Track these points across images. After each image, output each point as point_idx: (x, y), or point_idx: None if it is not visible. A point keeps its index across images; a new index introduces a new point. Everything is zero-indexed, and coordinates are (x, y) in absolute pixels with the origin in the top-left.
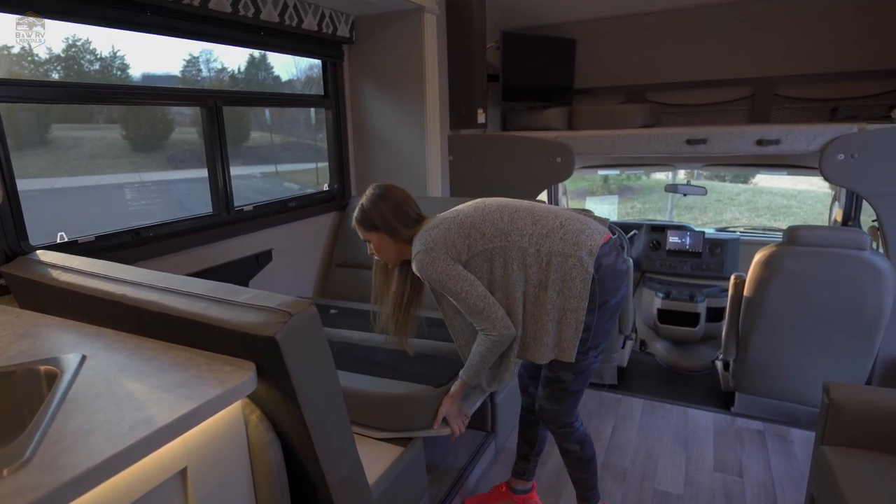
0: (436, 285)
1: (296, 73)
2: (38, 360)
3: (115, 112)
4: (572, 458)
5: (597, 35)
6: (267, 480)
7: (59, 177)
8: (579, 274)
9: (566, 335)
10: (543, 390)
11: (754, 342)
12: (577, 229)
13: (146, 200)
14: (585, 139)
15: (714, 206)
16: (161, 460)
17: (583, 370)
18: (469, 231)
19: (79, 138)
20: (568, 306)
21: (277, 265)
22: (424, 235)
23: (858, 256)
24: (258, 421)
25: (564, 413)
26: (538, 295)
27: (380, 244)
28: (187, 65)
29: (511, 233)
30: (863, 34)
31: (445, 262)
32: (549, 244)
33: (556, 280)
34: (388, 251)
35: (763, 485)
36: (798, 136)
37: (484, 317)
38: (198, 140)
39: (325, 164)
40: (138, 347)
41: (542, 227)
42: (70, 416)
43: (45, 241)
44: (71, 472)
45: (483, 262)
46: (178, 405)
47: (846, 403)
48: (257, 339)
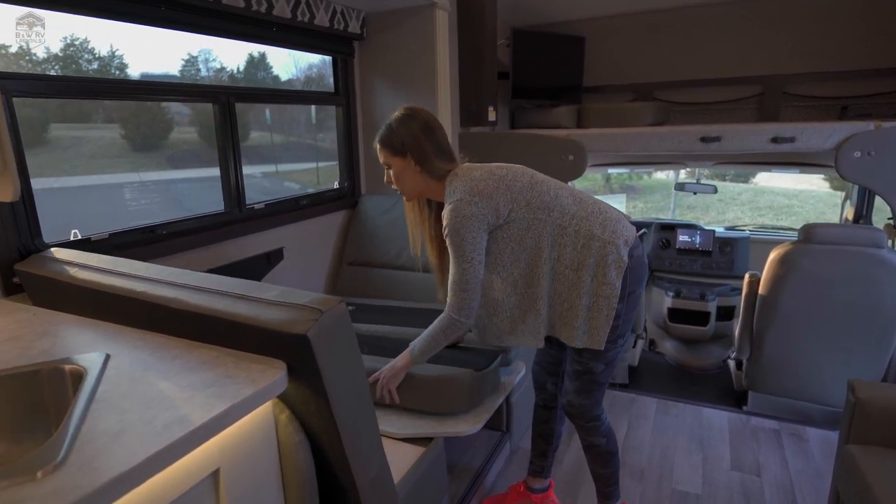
0: (452, 238)
1: (295, 73)
2: (62, 359)
3: (115, 112)
4: (597, 452)
5: (605, 33)
6: (297, 482)
7: (59, 176)
8: (615, 261)
9: (598, 322)
10: (573, 384)
11: (769, 341)
12: (614, 218)
13: (146, 200)
14: (598, 137)
15: (716, 206)
16: (195, 461)
17: (611, 360)
18: (517, 196)
19: (78, 138)
20: (601, 293)
21: (288, 263)
22: (471, 183)
23: (876, 254)
24: (287, 421)
25: (593, 406)
26: (571, 277)
27: (402, 172)
28: (186, 64)
29: (554, 208)
30: (872, 32)
31: (477, 223)
32: (589, 227)
33: (592, 264)
34: (408, 181)
35: (781, 484)
36: (813, 134)
37: (464, 295)
38: (197, 140)
39: (325, 164)
40: (161, 346)
41: (582, 208)
42: (100, 417)
43: (57, 239)
44: (109, 473)
45: (518, 229)
46: (210, 405)
47: (873, 402)
48: (288, 336)
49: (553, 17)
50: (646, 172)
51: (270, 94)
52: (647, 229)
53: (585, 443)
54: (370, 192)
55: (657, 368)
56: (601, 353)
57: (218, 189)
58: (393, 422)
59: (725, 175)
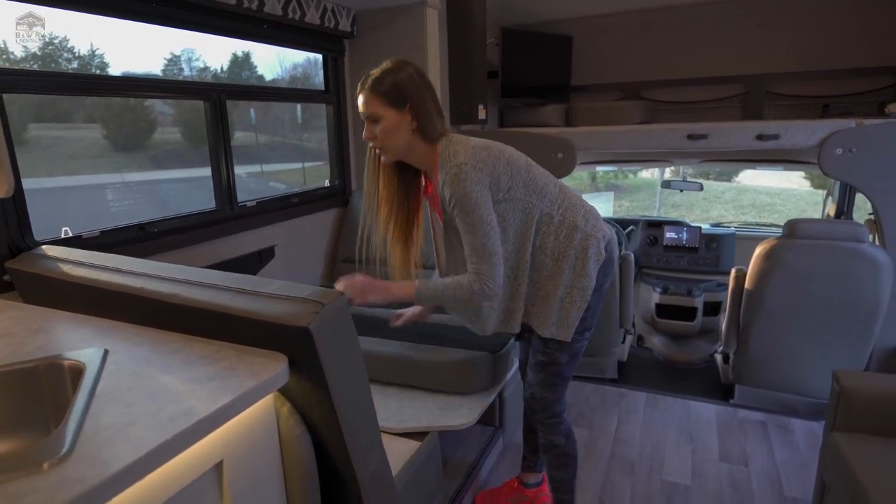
0: (463, 205)
1: (280, 73)
2: (57, 355)
3: (96, 111)
4: (556, 453)
5: (593, 32)
6: (298, 475)
7: (38, 177)
8: (594, 254)
9: (570, 313)
10: (536, 376)
11: (755, 335)
12: (594, 213)
13: (129, 201)
14: (587, 135)
15: (700, 204)
16: (199, 453)
17: (576, 352)
18: (515, 174)
19: (58, 138)
20: (578, 284)
21: (280, 262)
22: (474, 150)
23: (858, 249)
24: (289, 414)
25: (556, 401)
26: (550, 266)
27: (395, 127)
28: (168, 64)
29: (546, 195)
30: (854, 32)
31: (483, 186)
32: (573, 217)
33: (572, 255)
34: (397, 140)
35: (768, 474)
36: (797, 131)
37: (495, 260)
38: (182, 140)
39: (311, 165)
40: (160, 341)
41: (567, 198)
42: (104, 410)
43: (47, 237)
44: (116, 464)
45: (512, 211)
46: (214, 397)
47: (856, 390)
48: (290, 329)
49: (541, 17)
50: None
51: (262, 92)
52: (635, 226)
53: (545, 441)
54: (361, 189)
55: (645, 363)
56: (567, 344)
57: (204, 189)
58: (388, 416)
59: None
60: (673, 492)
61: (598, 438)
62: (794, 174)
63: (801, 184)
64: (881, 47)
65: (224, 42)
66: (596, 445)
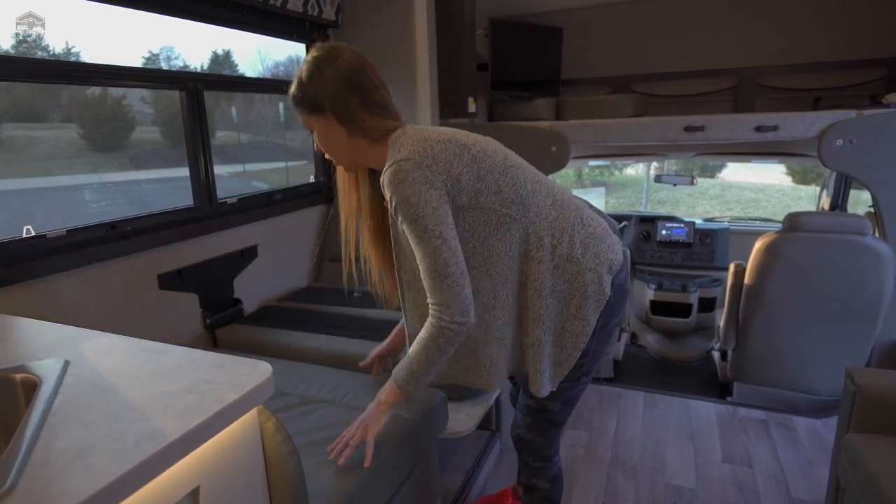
0: (404, 211)
1: (262, 71)
2: (13, 367)
3: (72, 110)
4: (536, 497)
5: (583, 24)
6: (286, 498)
7: (11, 178)
8: (594, 293)
9: (559, 360)
10: (524, 419)
11: (755, 331)
12: (599, 235)
13: (108, 202)
14: (581, 128)
15: (686, 201)
16: (171, 480)
17: (571, 398)
18: (485, 174)
19: (33, 138)
20: (569, 328)
21: (263, 260)
22: (418, 145)
23: (860, 242)
24: (275, 430)
25: (546, 446)
26: (536, 301)
27: (326, 134)
28: (147, 62)
29: (531, 208)
30: (845, 25)
31: (433, 187)
32: (566, 245)
33: (563, 291)
34: (338, 147)
35: (773, 474)
36: (796, 123)
37: (448, 283)
38: (161, 140)
39: (294, 164)
40: (129, 349)
41: (561, 214)
42: (58, 433)
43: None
44: (67, 500)
45: (482, 223)
46: (189, 414)
47: (874, 389)
48: None
49: (531, 8)
50: (617, 168)
51: (240, 82)
52: (628, 222)
53: (525, 483)
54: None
55: (640, 362)
56: (558, 391)
57: (186, 189)
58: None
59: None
60: (678, 496)
61: (597, 441)
62: (777, 170)
63: (783, 180)
64: (872, 40)
65: (203, 39)
66: (596, 448)
